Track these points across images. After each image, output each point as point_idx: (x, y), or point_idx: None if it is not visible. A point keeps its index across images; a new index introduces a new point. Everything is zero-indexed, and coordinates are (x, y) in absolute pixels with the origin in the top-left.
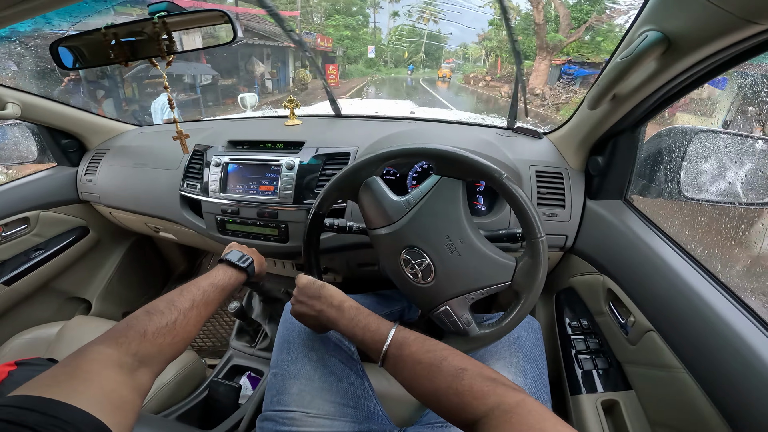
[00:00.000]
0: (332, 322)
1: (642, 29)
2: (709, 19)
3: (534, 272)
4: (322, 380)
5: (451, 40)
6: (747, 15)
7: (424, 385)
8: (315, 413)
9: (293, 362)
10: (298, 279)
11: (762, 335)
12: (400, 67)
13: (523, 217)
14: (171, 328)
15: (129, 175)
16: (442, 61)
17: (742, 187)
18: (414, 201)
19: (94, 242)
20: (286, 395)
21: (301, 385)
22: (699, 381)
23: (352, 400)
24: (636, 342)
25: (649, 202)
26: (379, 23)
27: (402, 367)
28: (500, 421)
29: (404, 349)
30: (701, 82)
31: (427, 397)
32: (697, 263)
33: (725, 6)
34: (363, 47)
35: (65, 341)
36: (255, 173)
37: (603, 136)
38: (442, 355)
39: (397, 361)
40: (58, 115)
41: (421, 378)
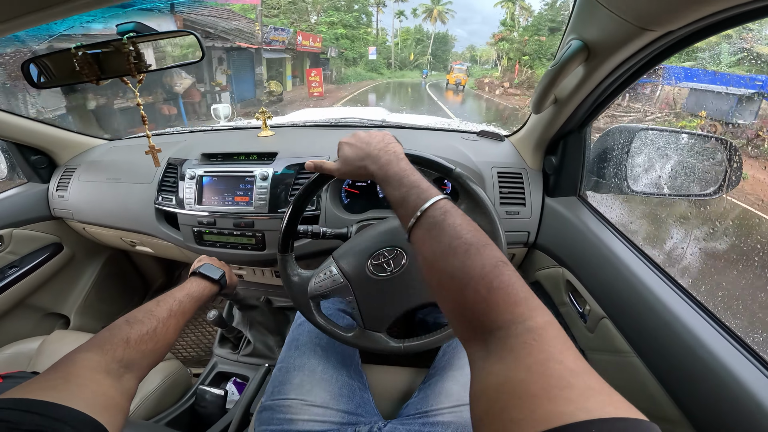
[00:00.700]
0: (380, 165)
1: (569, 38)
2: (614, 28)
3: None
4: (324, 372)
5: (458, 42)
6: (642, 23)
7: (453, 265)
8: (311, 401)
9: (300, 356)
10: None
11: (700, 318)
12: (405, 70)
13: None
14: (152, 335)
15: (102, 190)
16: (450, 64)
17: (682, 180)
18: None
19: (69, 258)
20: (287, 385)
21: (304, 375)
22: (647, 364)
23: (348, 389)
24: (593, 330)
25: (604, 196)
26: (382, 23)
27: (437, 237)
28: (520, 340)
29: (448, 217)
30: (626, 85)
31: (451, 282)
32: (642, 253)
33: (624, 16)
34: (363, 48)
35: (46, 355)
36: (230, 185)
37: (554, 136)
38: (485, 241)
39: (433, 228)
40: (26, 130)
41: (455, 255)
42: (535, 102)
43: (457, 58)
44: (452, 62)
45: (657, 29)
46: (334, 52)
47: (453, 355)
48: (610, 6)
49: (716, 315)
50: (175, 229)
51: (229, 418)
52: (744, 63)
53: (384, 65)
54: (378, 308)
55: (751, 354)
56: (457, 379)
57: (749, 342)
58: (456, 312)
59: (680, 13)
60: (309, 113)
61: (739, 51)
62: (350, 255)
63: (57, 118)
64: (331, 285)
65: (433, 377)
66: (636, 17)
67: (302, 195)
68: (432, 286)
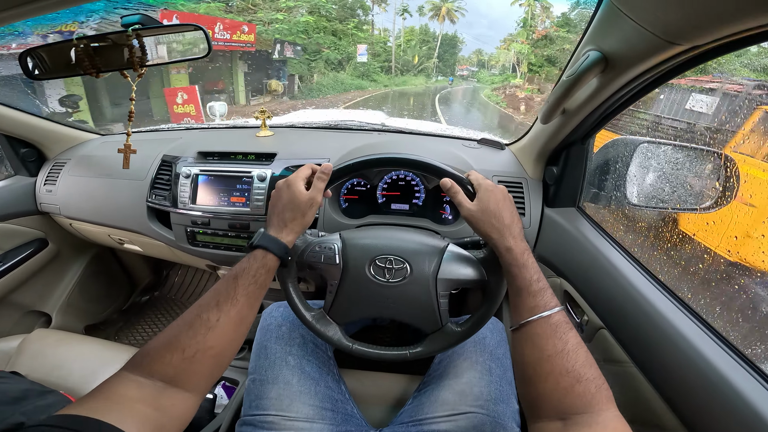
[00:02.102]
0: (519, 247)
1: (585, 49)
2: (639, 40)
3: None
4: (300, 384)
5: (465, 46)
6: (669, 37)
7: (573, 363)
8: (294, 416)
9: (271, 367)
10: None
11: (698, 329)
12: (408, 75)
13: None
14: (192, 347)
15: (92, 186)
16: (456, 68)
17: (681, 194)
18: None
19: (54, 254)
20: (264, 400)
21: (279, 389)
22: (644, 374)
23: (330, 403)
24: (590, 339)
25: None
26: (381, 22)
27: (562, 338)
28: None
29: (571, 326)
30: (637, 97)
31: (565, 376)
32: (640, 265)
33: (651, 29)
34: (353, 47)
35: (27, 354)
36: (226, 185)
37: (557, 147)
38: (590, 356)
39: (559, 328)
40: (17, 122)
41: (576, 357)
42: (545, 112)
43: (464, 62)
44: (458, 66)
45: (684, 43)
46: (290, 51)
47: (449, 363)
48: (636, 18)
49: (714, 326)
50: (167, 228)
51: (216, 424)
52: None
53: (380, 69)
54: (352, 303)
55: (748, 364)
56: (452, 388)
57: (747, 353)
58: (552, 397)
59: (712, 28)
60: (309, 114)
61: None
62: (358, 244)
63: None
64: (323, 260)
65: (428, 385)
66: (663, 30)
67: None
68: (536, 370)
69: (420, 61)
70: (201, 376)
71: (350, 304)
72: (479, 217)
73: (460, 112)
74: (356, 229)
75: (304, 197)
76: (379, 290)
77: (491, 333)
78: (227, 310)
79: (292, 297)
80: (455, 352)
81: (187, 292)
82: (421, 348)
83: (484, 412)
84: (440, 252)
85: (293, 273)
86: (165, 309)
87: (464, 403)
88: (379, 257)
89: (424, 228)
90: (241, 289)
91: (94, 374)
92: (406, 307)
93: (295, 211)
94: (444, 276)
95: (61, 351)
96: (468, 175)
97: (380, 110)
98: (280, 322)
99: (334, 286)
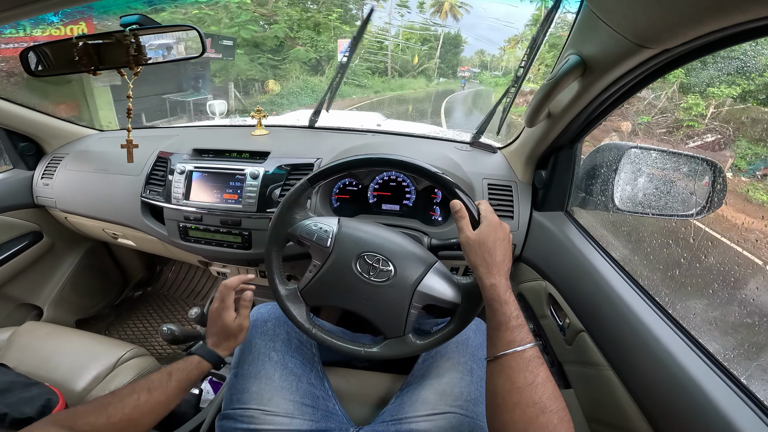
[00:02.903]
0: (503, 285)
1: (566, 53)
2: (613, 44)
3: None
4: (282, 380)
5: (467, 46)
6: (639, 41)
7: (540, 396)
8: (274, 411)
9: (253, 362)
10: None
11: (675, 336)
12: (407, 77)
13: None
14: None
15: (88, 180)
16: (458, 69)
17: (667, 200)
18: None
19: (48, 248)
20: (245, 393)
21: (261, 384)
22: (620, 377)
23: (311, 399)
24: (571, 342)
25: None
26: (378, 21)
27: (533, 371)
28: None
29: (543, 362)
30: (618, 102)
31: (532, 407)
32: (623, 270)
33: (623, 33)
34: (334, 43)
35: (16, 347)
36: (219, 181)
37: (546, 151)
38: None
39: (532, 362)
40: (17, 117)
41: (544, 390)
42: (529, 115)
43: (465, 63)
44: (459, 68)
45: (654, 47)
46: (217, 49)
47: (432, 363)
48: (610, 22)
49: (691, 333)
50: (161, 224)
51: (201, 418)
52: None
53: (370, 72)
54: (328, 289)
55: (722, 371)
56: (434, 388)
57: (720, 359)
58: (516, 426)
59: (677, 31)
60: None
61: None
62: (353, 235)
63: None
64: (315, 239)
65: (411, 384)
66: (634, 34)
67: (293, 195)
68: (504, 400)
69: (420, 61)
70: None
71: (326, 289)
72: (474, 248)
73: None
74: (355, 219)
75: (234, 325)
76: (358, 285)
77: (474, 334)
78: (156, 396)
79: (272, 268)
80: (438, 352)
81: (180, 288)
82: (376, 349)
83: (463, 412)
84: (428, 266)
85: (280, 246)
86: (157, 305)
87: (444, 403)
88: (369, 254)
89: (414, 228)
90: (173, 383)
91: (81, 368)
92: (378, 307)
93: (228, 335)
94: (423, 289)
95: (50, 344)
96: (479, 204)
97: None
98: (266, 318)
99: (316, 267)
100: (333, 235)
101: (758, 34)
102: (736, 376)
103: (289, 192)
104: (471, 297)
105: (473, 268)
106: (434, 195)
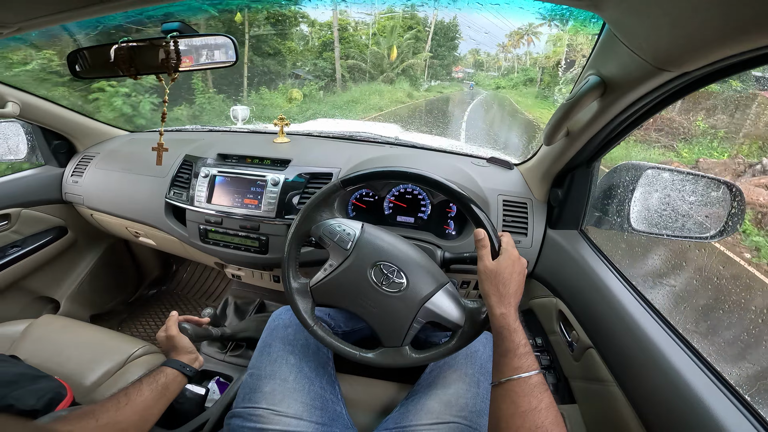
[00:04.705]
0: (513, 315)
1: (587, 74)
2: (632, 66)
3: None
4: (296, 381)
5: (462, 42)
6: (659, 63)
7: (544, 420)
8: (283, 411)
9: (271, 364)
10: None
11: (685, 355)
12: (378, 82)
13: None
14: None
15: (116, 179)
16: (452, 69)
17: (684, 222)
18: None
19: (71, 243)
20: (257, 393)
21: (275, 384)
22: (626, 394)
23: (321, 402)
24: (579, 358)
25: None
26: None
27: (538, 397)
28: None
29: (547, 388)
30: (637, 123)
31: (534, 429)
32: (636, 291)
33: (643, 55)
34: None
35: (31, 339)
36: (241, 186)
37: (562, 169)
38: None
39: (536, 388)
40: (55, 116)
41: (547, 414)
42: (548, 134)
43: (458, 63)
44: (454, 68)
45: (673, 70)
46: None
47: (439, 374)
48: (630, 45)
49: (701, 353)
50: (182, 225)
51: (205, 417)
52: None
53: (317, 87)
54: (339, 290)
55: (732, 394)
56: (440, 398)
57: (732, 382)
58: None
59: (698, 54)
60: (325, 123)
61: None
62: (373, 242)
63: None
64: (336, 240)
65: (416, 393)
66: (653, 57)
67: (324, 194)
68: (508, 423)
69: (401, 55)
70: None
71: (336, 289)
72: (490, 277)
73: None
74: (378, 227)
75: (163, 339)
76: (369, 291)
77: (483, 347)
78: (134, 397)
79: (288, 260)
80: (446, 362)
81: (194, 288)
82: (371, 355)
83: (467, 423)
84: (439, 285)
85: (301, 240)
86: (170, 304)
87: (448, 413)
88: (385, 263)
89: (427, 241)
90: (145, 385)
91: (92, 363)
92: (383, 315)
93: (170, 348)
94: (430, 306)
95: (64, 337)
96: (501, 236)
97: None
98: (287, 324)
99: (332, 266)
100: (354, 239)
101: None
102: (744, 397)
103: (320, 190)
104: (474, 321)
105: (485, 296)
106: (449, 209)
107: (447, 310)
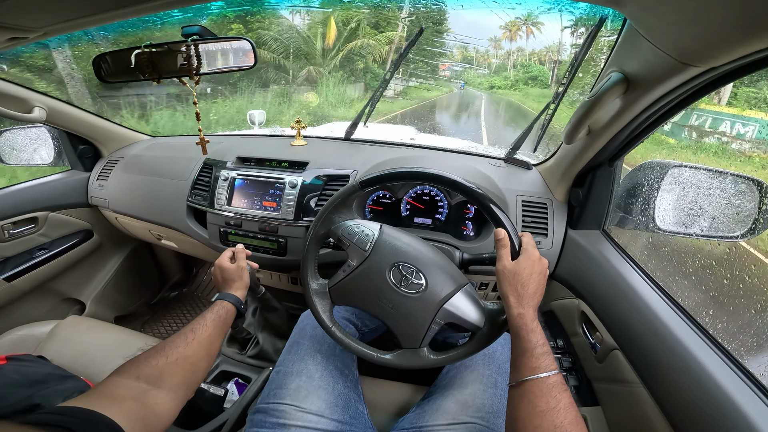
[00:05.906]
0: (532, 316)
1: (609, 71)
2: (656, 62)
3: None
4: (321, 379)
5: (449, 36)
6: (685, 59)
7: (563, 419)
8: (307, 408)
9: (298, 361)
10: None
11: (715, 356)
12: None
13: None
14: (179, 355)
15: (139, 183)
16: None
17: (711, 221)
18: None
19: (97, 246)
20: (283, 389)
21: (301, 381)
22: (653, 395)
23: (344, 400)
24: (603, 360)
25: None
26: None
27: (556, 397)
28: None
29: (567, 389)
30: (661, 120)
31: (553, 429)
32: (660, 289)
33: (668, 51)
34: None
35: (57, 339)
36: (260, 189)
37: (583, 169)
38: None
39: (555, 387)
40: (81, 121)
41: (566, 414)
42: (568, 132)
43: (444, 60)
44: (440, 66)
45: (699, 65)
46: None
47: (456, 374)
48: (654, 40)
49: (732, 354)
50: (203, 227)
51: (225, 417)
52: None
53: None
54: (357, 291)
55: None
56: (456, 398)
57: (766, 384)
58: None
59: (724, 50)
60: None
61: None
62: (392, 243)
63: None
64: (355, 240)
65: (433, 394)
66: (679, 52)
67: (342, 195)
68: (525, 423)
69: (337, 44)
70: (180, 379)
71: (355, 290)
72: (508, 277)
73: None
74: (396, 228)
75: (234, 267)
76: (387, 292)
77: (501, 348)
78: (200, 332)
79: (307, 261)
80: (463, 363)
81: (214, 291)
82: (389, 357)
83: (484, 423)
84: (458, 286)
85: (320, 241)
86: (191, 305)
87: (465, 414)
88: (404, 264)
89: (445, 242)
90: (209, 320)
91: (115, 363)
92: (401, 316)
93: (234, 277)
94: (449, 307)
95: (89, 338)
96: (522, 236)
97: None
98: (315, 325)
99: (350, 267)
100: (373, 240)
101: None
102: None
103: (339, 192)
104: (493, 323)
105: (503, 297)
106: (467, 210)
107: (466, 311)
